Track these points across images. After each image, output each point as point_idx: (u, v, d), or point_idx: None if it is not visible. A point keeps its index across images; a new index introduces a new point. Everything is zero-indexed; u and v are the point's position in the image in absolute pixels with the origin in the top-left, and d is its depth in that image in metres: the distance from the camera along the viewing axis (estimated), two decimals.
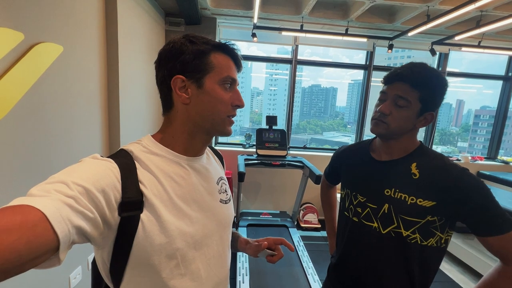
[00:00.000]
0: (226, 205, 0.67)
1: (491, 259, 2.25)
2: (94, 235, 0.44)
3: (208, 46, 0.56)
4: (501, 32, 3.00)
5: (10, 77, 1.07)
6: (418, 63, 0.78)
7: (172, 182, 0.55)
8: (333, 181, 1.16)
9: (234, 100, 0.59)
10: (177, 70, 0.55)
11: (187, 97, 0.56)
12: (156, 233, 0.50)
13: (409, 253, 0.79)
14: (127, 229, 0.48)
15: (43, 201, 0.36)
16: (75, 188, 0.40)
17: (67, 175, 0.42)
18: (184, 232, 0.54)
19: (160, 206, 0.51)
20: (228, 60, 0.59)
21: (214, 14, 2.90)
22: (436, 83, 0.76)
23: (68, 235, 0.38)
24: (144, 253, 0.50)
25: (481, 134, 9.44)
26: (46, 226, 0.35)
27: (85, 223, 0.41)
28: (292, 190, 3.27)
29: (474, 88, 6.35)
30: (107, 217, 0.45)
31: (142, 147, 0.56)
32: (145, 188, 0.51)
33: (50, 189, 0.39)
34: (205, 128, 0.59)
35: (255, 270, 2.11)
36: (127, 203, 0.47)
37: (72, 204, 0.39)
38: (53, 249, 0.37)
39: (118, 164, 0.49)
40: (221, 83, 0.57)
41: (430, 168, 0.77)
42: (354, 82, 7.32)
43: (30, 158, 1.17)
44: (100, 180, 0.44)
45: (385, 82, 0.82)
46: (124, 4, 1.82)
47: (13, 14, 1.07)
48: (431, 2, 2.32)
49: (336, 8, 2.78)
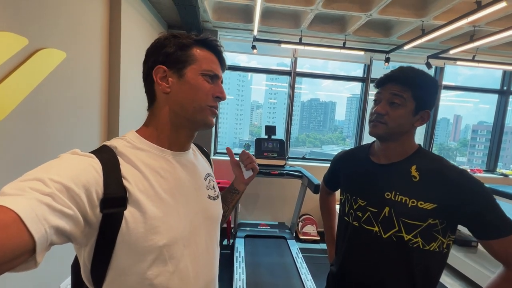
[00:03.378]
0: (214, 201, 0.66)
1: (493, 272, 2.19)
2: (75, 234, 0.42)
3: (190, 40, 0.57)
4: (494, 47, 3.09)
5: (11, 80, 1.09)
6: (407, 66, 0.82)
7: (158, 177, 0.53)
8: (332, 187, 1.15)
9: (215, 92, 0.59)
10: (159, 61, 0.57)
11: (167, 86, 0.57)
12: (141, 230, 0.48)
13: (411, 258, 0.77)
14: (110, 226, 0.46)
15: (16, 201, 0.34)
16: (52, 185, 0.38)
17: (43, 172, 0.40)
18: (171, 227, 0.52)
19: (146, 202, 0.49)
20: (211, 55, 0.59)
21: (216, 27, 2.98)
22: (426, 81, 0.78)
23: (45, 235, 0.35)
24: (129, 250, 0.48)
25: (479, 149, 9.47)
26: (20, 227, 0.33)
27: (64, 222, 0.38)
28: (291, 201, 3.23)
29: (471, 103, 6.45)
30: (88, 214, 0.43)
31: (126, 142, 0.55)
32: (129, 184, 0.49)
33: (25, 187, 0.36)
34: (186, 118, 0.58)
35: (252, 283, 2.04)
36: (109, 199, 0.45)
37: (49, 202, 0.36)
38: (29, 251, 0.35)
39: (99, 159, 0.47)
40: (202, 75, 0.57)
41: (429, 171, 0.77)
42: (353, 96, 7.42)
43: (27, 160, 1.17)
44: (79, 176, 0.42)
45: (377, 86, 0.84)
46: (127, 14, 1.88)
47: (18, 19, 1.10)
48: (426, 17, 2.40)
49: (334, 22, 2.87)
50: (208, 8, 2.54)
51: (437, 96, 0.81)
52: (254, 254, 2.45)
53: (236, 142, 9.19)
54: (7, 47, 1.07)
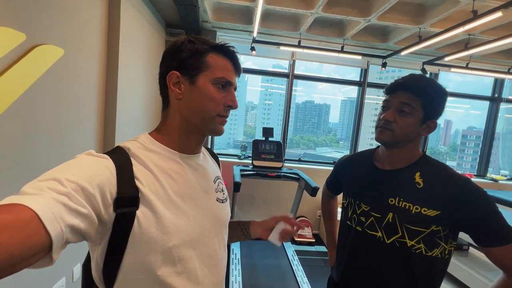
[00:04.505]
0: (222, 204, 0.67)
1: (486, 277, 2.24)
2: (89, 233, 0.42)
3: (206, 46, 0.57)
4: (487, 55, 3.17)
5: (8, 76, 1.06)
6: (418, 74, 0.82)
7: (169, 179, 0.54)
8: (335, 191, 1.16)
9: (227, 100, 0.58)
10: (173, 66, 0.57)
11: (180, 92, 0.57)
12: (152, 230, 0.49)
13: (413, 264, 0.78)
14: (123, 226, 0.47)
15: (35, 200, 0.35)
16: (68, 185, 0.39)
17: (60, 172, 0.41)
18: (181, 229, 0.53)
19: (157, 203, 0.50)
20: (226, 62, 0.59)
21: (215, 27, 2.97)
22: (436, 91, 0.79)
23: (61, 234, 0.36)
24: (140, 250, 0.49)
25: (468, 154, 9.67)
26: (38, 225, 0.34)
27: (79, 220, 0.39)
28: (287, 203, 3.24)
29: (462, 109, 6.58)
30: (102, 213, 0.44)
31: (139, 144, 0.56)
32: (141, 184, 0.50)
33: (43, 186, 0.38)
34: (196, 125, 0.59)
35: (248, 285, 2.04)
36: (122, 199, 0.46)
37: (65, 201, 0.38)
38: (46, 249, 0.36)
39: (113, 160, 0.49)
40: (214, 82, 0.57)
41: (434, 178, 0.78)
42: (347, 99, 7.49)
43: (24, 157, 1.13)
44: (94, 176, 0.43)
45: (387, 92, 0.84)
46: (127, 12, 1.85)
47: (16, 15, 1.07)
48: (423, 24, 2.44)
49: (333, 27, 2.89)
50: (208, 8, 2.53)
51: (445, 105, 0.81)
52: (250, 256, 2.44)
53: (230, 142, 9.16)
54: (4, 42, 1.04)
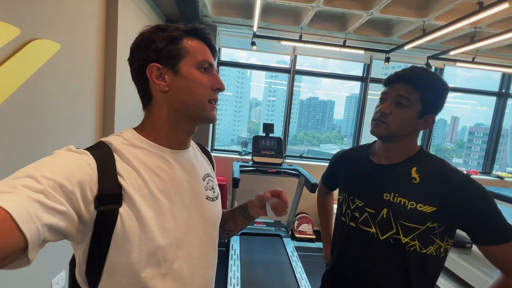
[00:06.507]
0: (212, 202, 0.64)
1: (489, 276, 2.21)
2: (69, 231, 0.41)
3: (179, 32, 0.55)
4: (493, 49, 3.08)
5: (1, 71, 1.05)
6: (419, 67, 0.78)
7: (153, 175, 0.52)
8: (330, 186, 1.14)
9: (214, 83, 0.57)
10: (151, 59, 0.54)
11: (165, 84, 0.55)
12: (135, 229, 0.47)
13: (407, 261, 0.76)
14: (105, 224, 0.45)
15: (8, 198, 0.33)
16: (44, 182, 0.37)
17: (36, 169, 0.39)
18: (165, 228, 0.51)
19: (140, 200, 0.48)
20: (202, 44, 0.57)
21: (215, 22, 2.94)
22: (436, 85, 0.76)
23: (37, 233, 0.35)
24: (123, 250, 0.47)
25: (475, 151, 9.51)
26: (11, 225, 0.32)
27: (57, 219, 0.38)
28: (287, 199, 3.22)
29: (469, 105, 6.45)
30: (82, 211, 0.42)
31: (123, 139, 0.53)
32: (124, 181, 0.48)
33: (17, 184, 0.36)
34: (188, 114, 0.57)
35: (246, 281, 2.04)
36: (103, 196, 0.45)
37: (41, 199, 0.36)
38: (21, 249, 0.34)
39: (94, 155, 0.46)
40: (197, 67, 0.55)
41: (430, 173, 0.76)
42: (352, 96, 7.40)
43: (18, 154, 1.14)
44: (73, 173, 0.42)
45: (385, 84, 0.82)
46: (125, 7, 1.84)
47: (9, 8, 1.06)
48: (427, 17, 2.38)
49: (335, 20, 2.84)
50: (208, 2, 2.50)
51: (445, 101, 0.78)
52: (249, 252, 2.44)
53: (234, 139, 9.15)
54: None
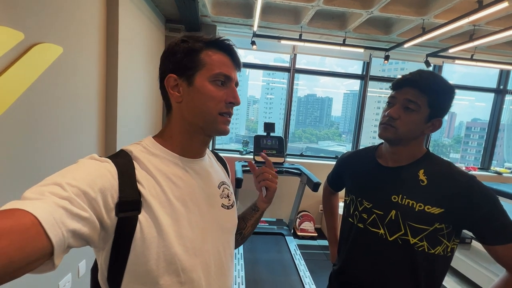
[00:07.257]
0: (228, 210, 0.64)
1: (489, 270, 2.24)
2: (92, 238, 0.42)
3: (199, 44, 0.56)
4: (492, 46, 3.11)
5: (7, 76, 1.05)
6: (426, 71, 0.80)
7: (170, 183, 0.53)
8: (336, 187, 1.15)
9: (228, 97, 0.56)
10: (170, 70, 0.56)
11: (179, 95, 0.56)
12: (153, 236, 0.48)
13: (415, 261, 0.77)
14: (125, 231, 0.46)
15: (35, 204, 0.35)
16: (69, 189, 0.39)
17: (61, 177, 0.41)
18: (181, 235, 0.51)
19: (158, 208, 0.49)
20: (223, 57, 0.57)
21: (215, 22, 2.93)
22: (444, 88, 0.77)
23: (62, 239, 0.36)
24: (142, 257, 0.47)
25: (472, 146, 9.58)
26: (39, 230, 0.34)
27: (81, 225, 0.39)
28: (289, 198, 3.24)
29: (466, 101, 6.49)
30: (104, 218, 0.44)
31: (142, 148, 0.55)
32: (143, 188, 0.49)
33: (44, 191, 0.38)
34: (199, 126, 0.57)
35: (251, 279, 2.06)
36: (124, 203, 0.46)
37: (66, 206, 0.37)
38: (48, 254, 0.35)
39: (115, 163, 0.48)
40: (211, 80, 0.55)
41: (438, 175, 0.77)
42: (350, 92, 7.42)
43: (24, 159, 1.14)
44: (96, 180, 0.43)
45: (393, 88, 0.83)
46: (125, 8, 1.83)
47: (14, 13, 1.06)
48: (426, 16, 2.39)
49: (334, 19, 2.84)
50: (207, 2, 2.49)
51: (452, 103, 0.79)
52: (253, 251, 2.46)
53: (232, 137, 9.12)
54: (2, 42, 1.03)
